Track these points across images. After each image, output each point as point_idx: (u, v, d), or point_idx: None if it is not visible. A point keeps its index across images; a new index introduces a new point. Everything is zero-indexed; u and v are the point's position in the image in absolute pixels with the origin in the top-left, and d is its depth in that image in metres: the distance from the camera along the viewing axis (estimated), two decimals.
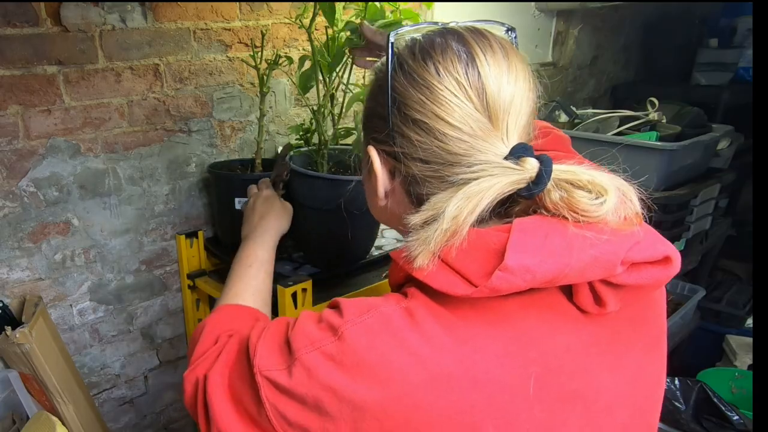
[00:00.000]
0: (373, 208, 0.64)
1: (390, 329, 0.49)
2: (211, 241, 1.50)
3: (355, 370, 0.48)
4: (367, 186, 0.63)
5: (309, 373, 0.50)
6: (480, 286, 0.46)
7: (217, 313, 0.78)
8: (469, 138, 0.50)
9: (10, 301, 1.24)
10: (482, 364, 0.47)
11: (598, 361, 0.51)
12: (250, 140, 1.54)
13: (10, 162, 1.17)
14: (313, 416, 0.51)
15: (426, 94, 0.51)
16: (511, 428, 0.48)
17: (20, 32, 1.12)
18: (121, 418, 1.54)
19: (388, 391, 0.47)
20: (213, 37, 1.40)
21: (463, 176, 0.50)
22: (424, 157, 0.52)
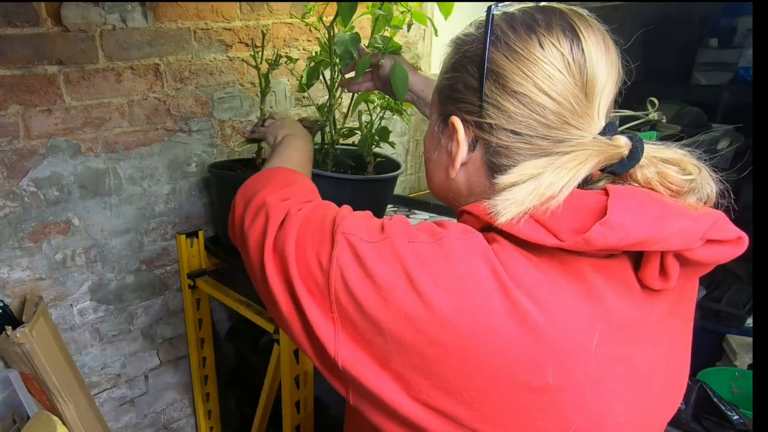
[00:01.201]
0: (438, 180, 0.64)
1: (485, 253, 0.51)
2: (212, 241, 1.50)
3: (440, 275, 0.50)
4: (436, 157, 0.63)
5: (396, 256, 0.51)
6: (567, 241, 0.49)
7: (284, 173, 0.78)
8: (567, 113, 0.53)
9: (10, 301, 1.24)
10: (557, 309, 0.50)
11: (647, 333, 0.55)
12: None
13: (10, 162, 1.17)
14: (375, 296, 0.51)
15: (528, 67, 0.53)
16: (568, 376, 0.50)
17: (21, 32, 1.12)
18: (122, 417, 1.55)
19: (466, 305, 0.49)
20: (213, 37, 1.40)
21: (560, 149, 0.53)
22: (518, 129, 0.54)
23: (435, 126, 0.62)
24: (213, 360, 1.63)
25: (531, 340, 0.49)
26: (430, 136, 0.63)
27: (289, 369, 1.18)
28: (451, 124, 0.58)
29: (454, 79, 0.58)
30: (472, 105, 0.56)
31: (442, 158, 0.61)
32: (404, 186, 2.06)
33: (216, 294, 1.40)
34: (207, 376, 1.64)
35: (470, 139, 0.58)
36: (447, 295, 0.49)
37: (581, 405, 0.51)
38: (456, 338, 0.49)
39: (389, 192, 1.31)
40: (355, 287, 0.51)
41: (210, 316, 1.59)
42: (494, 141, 0.55)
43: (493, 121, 0.55)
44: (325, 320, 0.53)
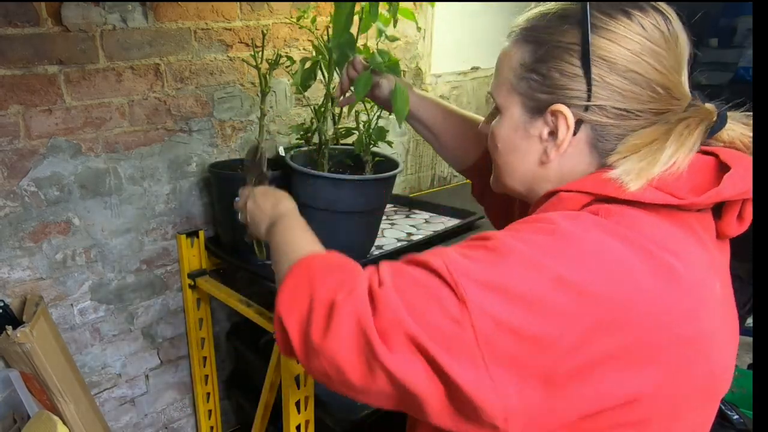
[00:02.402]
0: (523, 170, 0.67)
1: (601, 225, 0.54)
2: (212, 241, 1.50)
3: (577, 260, 0.51)
4: (524, 147, 0.65)
5: (528, 265, 0.50)
6: (687, 199, 0.54)
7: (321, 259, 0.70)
8: (671, 84, 0.59)
9: (11, 301, 1.24)
10: (689, 259, 0.54)
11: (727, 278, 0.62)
12: (251, 140, 1.54)
13: (11, 162, 1.18)
14: (529, 313, 0.48)
15: (635, 47, 0.57)
16: (711, 321, 0.54)
17: (21, 32, 1.12)
18: (122, 417, 1.55)
19: (613, 277, 0.50)
20: (214, 37, 1.40)
21: (665, 119, 0.58)
22: (629, 107, 0.58)
23: (518, 118, 0.65)
24: (213, 360, 1.64)
25: (679, 292, 0.51)
26: (513, 129, 0.65)
27: (289, 369, 1.18)
28: (555, 112, 0.60)
29: (545, 69, 0.61)
30: (576, 90, 0.59)
31: (532, 147, 0.64)
32: (404, 186, 2.06)
33: (216, 294, 1.40)
34: (207, 376, 1.64)
35: (574, 121, 0.60)
36: (592, 274, 0.50)
37: (720, 349, 0.55)
38: (616, 312, 0.49)
39: (388, 192, 1.31)
40: (505, 316, 0.48)
41: (210, 315, 1.59)
42: (604, 121, 0.59)
43: (603, 102, 0.58)
44: (477, 376, 0.48)
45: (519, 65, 0.64)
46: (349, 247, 1.32)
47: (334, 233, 1.27)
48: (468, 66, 2.10)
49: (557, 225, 0.53)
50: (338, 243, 1.29)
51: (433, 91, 1.99)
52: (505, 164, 0.69)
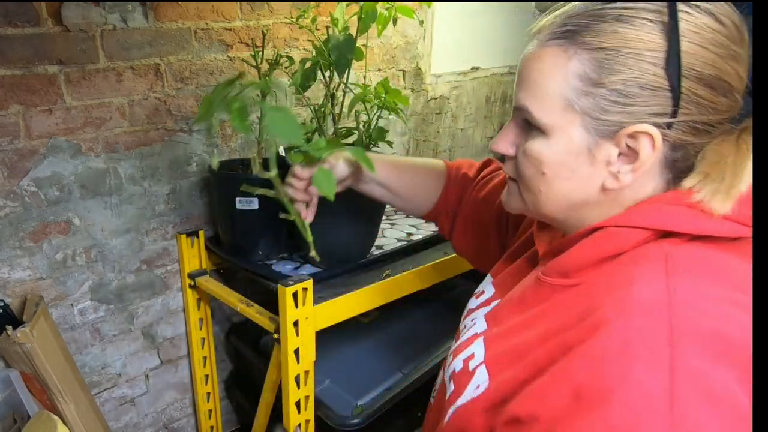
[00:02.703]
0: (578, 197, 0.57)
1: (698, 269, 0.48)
2: (212, 241, 1.50)
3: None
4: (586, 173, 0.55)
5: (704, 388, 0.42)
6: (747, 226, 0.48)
7: None
8: (744, 87, 0.53)
9: (11, 301, 1.24)
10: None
11: None
12: (251, 140, 1.54)
13: (11, 162, 1.18)
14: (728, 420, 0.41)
15: (720, 51, 0.50)
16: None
17: (21, 32, 1.12)
18: (122, 417, 1.55)
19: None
20: (214, 37, 1.40)
21: (739, 127, 0.52)
22: (712, 119, 0.51)
23: (579, 141, 0.54)
24: (213, 359, 1.64)
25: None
26: (572, 153, 0.55)
27: (289, 369, 1.18)
28: (635, 134, 0.51)
29: (621, 83, 0.51)
30: (660, 106, 0.50)
31: (597, 173, 0.55)
32: None
33: (217, 293, 1.41)
34: (207, 376, 1.64)
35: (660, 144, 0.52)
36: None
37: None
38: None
39: None
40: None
41: (210, 315, 1.59)
42: (687, 139, 0.51)
43: (689, 117, 0.50)
44: None
45: (577, 77, 0.52)
46: (350, 246, 1.32)
47: (334, 233, 1.27)
48: (468, 66, 2.10)
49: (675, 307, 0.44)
50: (338, 242, 1.29)
51: (433, 91, 1.99)
52: (550, 191, 0.58)
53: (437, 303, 1.75)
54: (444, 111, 2.08)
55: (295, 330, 1.15)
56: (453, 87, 2.07)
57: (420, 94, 1.96)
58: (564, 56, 0.53)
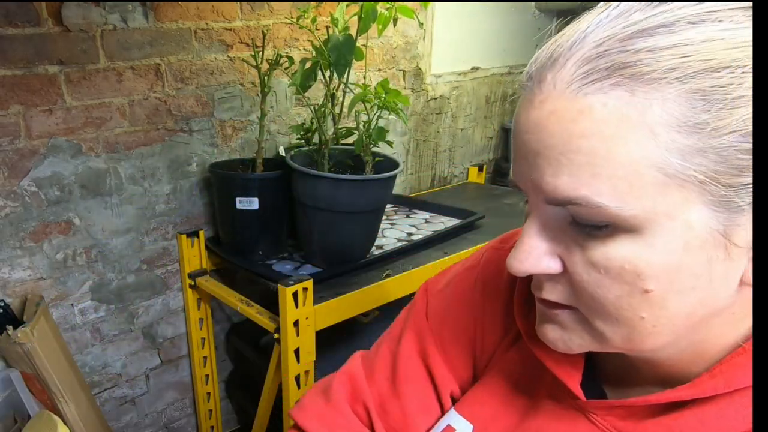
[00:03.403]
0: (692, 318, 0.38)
1: None
2: (212, 241, 1.50)
3: None
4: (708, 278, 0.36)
5: None
6: None
7: None
8: None
9: (11, 301, 1.24)
10: None
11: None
12: (251, 140, 1.54)
13: (11, 161, 1.18)
14: None
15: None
16: None
17: (22, 32, 1.12)
18: (123, 417, 1.55)
19: None
20: (214, 37, 1.40)
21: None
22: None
23: (706, 227, 0.34)
24: (214, 359, 1.64)
25: None
26: (687, 251, 0.35)
27: (290, 368, 1.18)
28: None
29: (742, 121, 0.32)
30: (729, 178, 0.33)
31: (736, 264, 0.36)
32: (405, 186, 2.06)
33: (217, 293, 1.41)
34: (208, 376, 1.64)
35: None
36: None
37: None
38: None
39: (388, 192, 1.31)
40: None
41: (211, 315, 1.60)
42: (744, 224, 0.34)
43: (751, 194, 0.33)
44: None
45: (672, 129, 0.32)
46: (349, 246, 1.32)
47: (335, 233, 1.27)
48: (468, 66, 2.10)
49: None
50: (338, 243, 1.29)
51: (433, 91, 2.00)
52: (662, 315, 0.37)
53: None
54: (444, 111, 2.08)
55: (295, 330, 1.16)
56: (453, 87, 2.07)
57: (420, 94, 1.96)
58: (632, 102, 0.33)
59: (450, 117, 2.11)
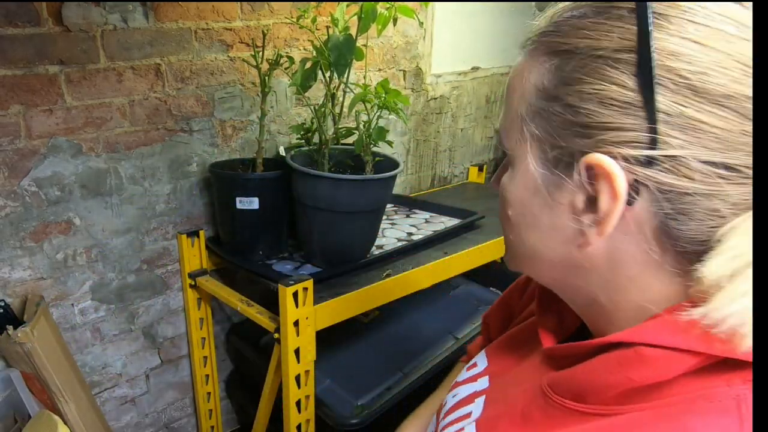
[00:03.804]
0: (549, 254, 0.43)
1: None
2: (213, 241, 1.50)
3: None
4: (547, 220, 0.42)
5: None
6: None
7: None
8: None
9: (11, 301, 1.24)
10: None
11: None
12: (252, 140, 1.54)
13: (11, 161, 1.18)
14: None
15: (728, 53, 0.33)
16: None
17: (22, 32, 1.12)
18: (123, 417, 1.55)
19: None
20: (214, 37, 1.40)
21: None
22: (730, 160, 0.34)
23: (534, 175, 0.41)
24: (214, 359, 1.64)
25: None
26: (529, 190, 0.42)
27: (290, 368, 1.18)
28: (588, 165, 0.37)
29: (578, 97, 0.37)
30: (629, 129, 0.35)
31: (560, 221, 0.41)
32: (405, 186, 2.06)
33: (217, 293, 1.41)
34: (208, 376, 1.64)
35: (625, 184, 0.36)
36: None
37: None
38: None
39: (388, 192, 1.31)
40: None
41: (211, 315, 1.60)
42: (682, 185, 0.35)
43: (680, 152, 0.34)
44: None
45: (534, 91, 0.40)
46: (350, 246, 1.32)
47: (335, 233, 1.27)
48: (468, 66, 2.10)
49: None
50: (339, 242, 1.29)
51: (433, 91, 2.00)
52: (521, 242, 0.45)
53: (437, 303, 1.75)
54: (444, 111, 2.08)
55: (295, 330, 1.16)
56: (453, 87, 2.07)
57: (420, 94, 1.96)
58: (529, 66, 0.41)
59: (450, 117, 2.11)
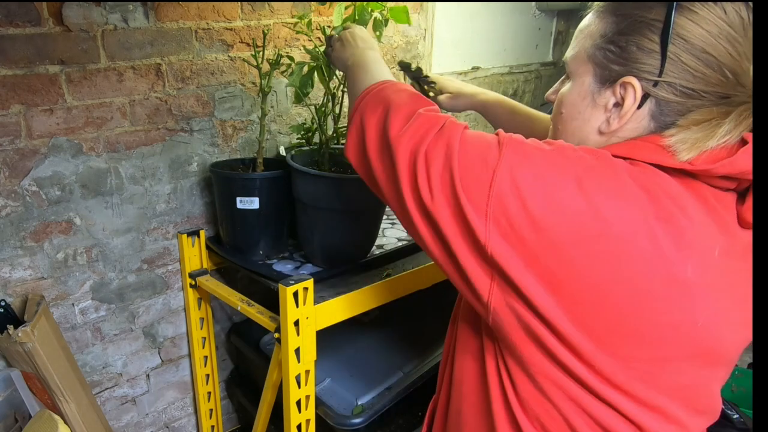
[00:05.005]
0: (581, 135, 0.69)
1: (630, 170, 0.60)
2: (213, 240, 1.50)
3: (605, 182, 0.57)
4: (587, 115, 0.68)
5: (568, 163, 0.58)
6: (700, 165, 0.58)
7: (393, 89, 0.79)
8: (740, 70, 0.60)
9: (12, 300, 1.24)
10: (694, 216, 0.58)
11: (741, 259, 0.63)
12: (252, 140, 1.54)
13: (12, 161, 1.18)
14: (543, 195, 0.57)
15: (715, 30, 0.58)
16: (701, 274, 0.58)
17: (23, 32, 1.12)
18: (123, 416, 1.55)
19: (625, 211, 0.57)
20: (215, 37, 1.40)
21: (726, 102, 0.60)
22: (697, 87, 0.60)
23: (588, 86, 0.67)
24: (214, 359, 1.64)
25: (676, 237, 0.57)
26: (581, 96, 0.68)
27: (290, 368, 1.18)
28: (624, 84, 0.63)
29: (624, 42, 0.62)
30: (649, 65, 0.61)
31: (595, 115, 0.67)
32: None
33: (217, 293, 1.41)
34: (208, 375, 1.64)
35: (641, 95, 0.62)
36: (609, 200, 0.56)
37: (707, 302, 0.59)
38: (614, 240, 0.56)
39: None
40: (524, 184, 0.58)
41: (211, 315, 1.60)
42: (670, 97, 0.61)
43: (673, 80, 0.60)
44: (477, 213, 0.60)
45: (599, 35, 0.65)
46: (350, 246, 1.32)
47: (335, 233, 1.27)
48: (468, 66, 2.10)
49: (604, 154, 0.61)
50: (339, 242, 1.29)
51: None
52: (565, 130, 0.71)
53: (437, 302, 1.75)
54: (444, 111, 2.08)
55: (295, 329, 1.16)
56: None
57: None
58: (597, 20, 0.65)
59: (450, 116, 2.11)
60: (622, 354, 0.59)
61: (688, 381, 0.62)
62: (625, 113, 0.64)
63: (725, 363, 0.65)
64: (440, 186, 0.63)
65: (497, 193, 0.58)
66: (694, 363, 0.62)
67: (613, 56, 0.63)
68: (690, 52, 0.59)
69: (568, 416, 0.64)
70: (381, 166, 0.73)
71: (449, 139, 0.64)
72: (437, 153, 0.64)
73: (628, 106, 0.63)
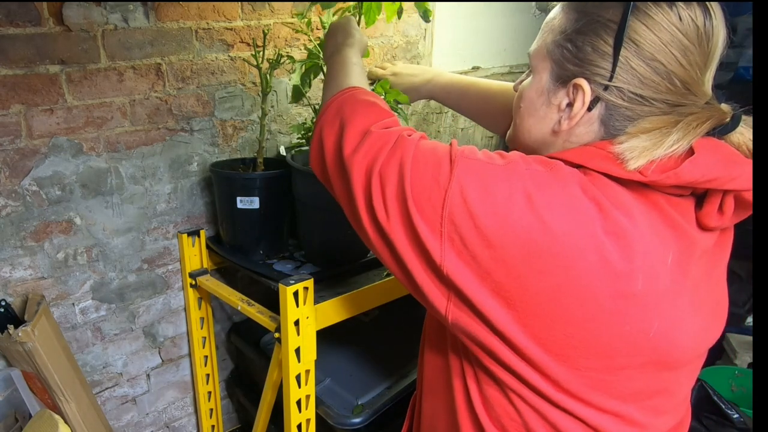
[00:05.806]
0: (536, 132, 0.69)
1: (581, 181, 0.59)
2: (213, 240, 1.50)
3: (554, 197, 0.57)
4: (542, 113, 0.68)
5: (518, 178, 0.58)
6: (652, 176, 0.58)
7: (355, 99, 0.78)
8: (691, 80, 0.59)
9: (12, 300, 1.24)
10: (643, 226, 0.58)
11: (702, 263, 0.64)
12: (252, 139, 1.54)
13: (12, 161, 1.18)
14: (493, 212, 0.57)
15: (666, 37, 0.58)
16: (652, 284, 0.57)
17: (23, 32, 1.12)
18: (123, 416, 1.55)
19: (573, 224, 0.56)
20: (215, 37, 1.40)
21: (677, 111, 0.60)
22: (645, 94, 0.60)
23: (545, 84, 0.66)
24: (214, 359, 1.64)
25: (625, 251, 0.56)
26: (538, 93, 0.67)
27: (290, 368, 1.18)
28: (575, 85, 0.62)
29: (581, 42, 0.62)
30: (601, 68, 0.60)
31: (549, 114, 0.67)
32: None
33: (217, 293, 1.41)
34: (208, 375, 1.64)
35: (591, 99, 0.62)
36: (558, 215, 0.56)
37: (660, 312, 0.59)
38: (563, 255, 0.55)
39: None
40: (474, 203, 0.58)
41: (211, 314, 1.60)
42: (619, 102, 0.61)
43: (623, 85, 0.60)
44: (432, 233, 0.59)
45: (560, 32, 0.64)
46: (350, 246, 1.32)
47: (335, 233, 1.27)
48: (468, 66, 2.10)
49: (556, 166, 0.60)
50: (339, 242, 1.29)
51: None
52: (522, 125, 0.71)
53: None
54: (444, 110, 2.08)
55: (296, 329, 1.16)
56: None
57: None
58: (561, 15, 0.65)
59: (450, 116, 2.12)
60: (575, 364, 0.59)
61: (642, 386, 0.63)
62: (575, 115, 0.63)
63: (686, 363, 0.65)
64: (395, 207, 0.62)
65: (449, 213, 0.58)
66: (648, 369, 0.62)
67: (570, 55, 0.63)
68: (640, 58, 0.58)
69: (528, 420, 0.64)
70: (339, 182, 0.72)
71: (402, 158, 0.63)
72: (390, 174, 0.63)
73: (577, 109, 0.63)
